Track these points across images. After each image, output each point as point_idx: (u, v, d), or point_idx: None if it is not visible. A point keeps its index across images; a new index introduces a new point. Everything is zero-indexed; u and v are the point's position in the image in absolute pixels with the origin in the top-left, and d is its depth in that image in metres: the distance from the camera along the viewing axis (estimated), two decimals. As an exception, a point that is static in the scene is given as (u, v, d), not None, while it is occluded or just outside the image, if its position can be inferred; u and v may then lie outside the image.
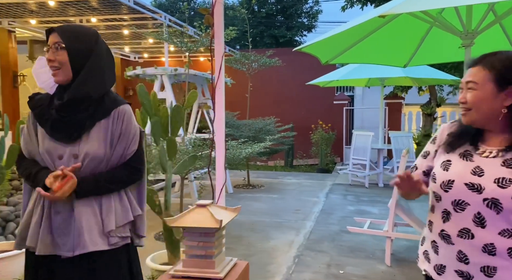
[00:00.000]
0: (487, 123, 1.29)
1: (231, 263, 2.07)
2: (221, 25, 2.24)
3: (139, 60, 11.16)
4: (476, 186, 1.23)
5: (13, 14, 6.86)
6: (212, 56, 2.49)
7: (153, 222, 4.89)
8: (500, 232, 1.20)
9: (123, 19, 7.25)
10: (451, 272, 1.28)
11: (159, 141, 2.85)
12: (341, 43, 3.67)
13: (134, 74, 5.94)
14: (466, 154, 1.31)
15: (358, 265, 3.62)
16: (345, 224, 4.73)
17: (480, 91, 1.26)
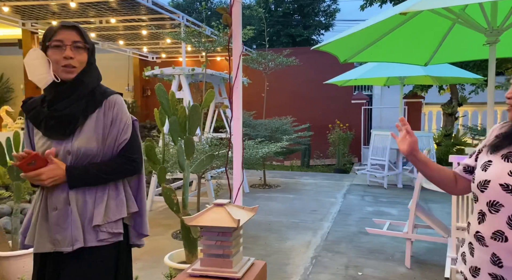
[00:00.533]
0: None
1: (248, 263, 2.06)
2: (239, 24, 2.23)
3: (157, 60, 11.29)
4: (507, 186, 1.20)
5: (36, 16, 7.04)
6: (230, 55, 2.49)
7: (171, 221, 4.94)
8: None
9: (142, 19, 7.35)
10: (485, 275, 1.25)
11: (177, 140, 2.86)
12: (360, 41, 3.62)
13: (152, 74, 6.01)
14: (509, 156, 1.27)
15: (377, 267, 3.56)
16: (363, 225, 4.66)
17: None
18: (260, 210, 5.23)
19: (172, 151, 4.12)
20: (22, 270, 2.99)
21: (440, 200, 5.90)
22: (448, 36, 3.65)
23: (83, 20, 7.30)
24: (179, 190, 5.93)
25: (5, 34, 8.89)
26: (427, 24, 3.44)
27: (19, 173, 3.14)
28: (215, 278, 1.88)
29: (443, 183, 1.47)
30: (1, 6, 6.24)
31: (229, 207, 1.96)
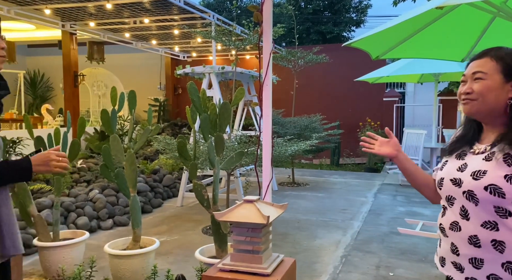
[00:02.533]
0: (489, 115, 1.31)
1: (278, 259, 2.07)
2: (270, 22, 2.24)
3: (188, 59, 11.49)
4: (457, 181, 1.31)
5: (74, 17, 7.35)
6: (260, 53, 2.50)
7: (201, 216, 5.03)
8: (482, 224, 1.24)
9: (174, 19, 7.50)
10: (449, 264, 1.35)
11: (208, 137, 2.91)
12: (393, 37, 3.52)
13: (184, 72, 6.13)
14: (461, 154, 1.37)
15: (409, 268, 3.48)
16: (395, 225, 4.56)
17: (489, 81, 1.28)
18: (289, 208, 5.23)
19: (203, 148, 4.19)
20: (62, 260, 3.15)
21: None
22: (487, 30, 3.49)
23: (118, 21, 7.54)
24: (209, 187, 6.02)
25: (46, 35, 9.34)
26: (465, 18, 3.30)
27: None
28: (245, 274, 1.91)
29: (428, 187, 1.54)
30: (43, 8, 6.56)
31: (258, 204, 1.97)
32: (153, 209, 5.51)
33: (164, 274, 2.70)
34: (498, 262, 1.22)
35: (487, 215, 1.23)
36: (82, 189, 5.14)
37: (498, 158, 1.23)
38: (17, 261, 2.87)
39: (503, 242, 1.21)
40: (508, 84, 1.27)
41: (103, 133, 7.93)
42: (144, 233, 3.35)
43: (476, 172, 1.26)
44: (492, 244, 1.22)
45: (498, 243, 1.22)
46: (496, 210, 1.22)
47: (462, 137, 1.41)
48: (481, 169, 1.25)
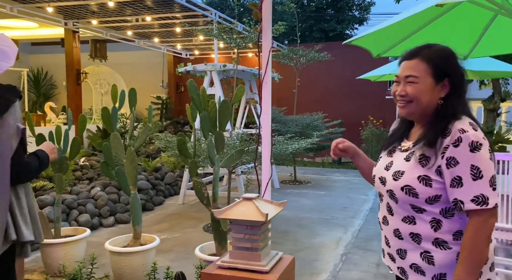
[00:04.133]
0: (424, 115, 1.33)
1: (276, 257, 2.07)
2: (269, 20, 2.24)
3: (190, 57, 11.49)
4: (383, 180, 1.38)
5: (77, 15, 7.36)
6: (260, 51, 2.50)
7: (202, 214, 5.05)
8: (403, 219, 1.34)
9: (176, 17, 7.50)
10: (386, 255, 1.45)
11: (208, 135, 2.91)
12: (394, 35, 3.51)
13: (185, 70, 6.13)
14: (392, 150, 1.42)
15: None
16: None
17: (421, 84, 1.30)
18: (290, 206, 5.23)
19: (204, 146, 4.20)
20: (63, 257, 3.17)
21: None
22: (489, 28, 3.46)
23: (120, 19, 7.55)
24: (211, 185, 6.03)
25: (49, 33, 9.37)
26: (466, 16, 3.28)
27: (62, 166, 3.33)
28: (243, 271, 1.91)
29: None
30: (46, 6, 6.57)
31: (257, 201, 1.98)
32: (155, 207, 5.52)
33: (164, 271, 2.72)
34: (417, 252, 1.31)
35: (406, 212, 1.32)
36: (84, 187, 5.17)
37: (415, 159, 1.29)
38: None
39: (420, 234, 1.30)
40: (439, 85, 1.30)
41: (105, 131, 7.95)
42: (145, 230, 3.36)
43: (396, 172, 1.33)
44: (410, 237, 1.32)
45: (415, 235, 1.31)
46: (412, 207, 1.30)
47: (394, 132, 1.46)
48: (400, 170, 1.32)
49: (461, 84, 1.31)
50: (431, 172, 1.26)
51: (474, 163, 1.20)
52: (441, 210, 1.27)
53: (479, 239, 1.20)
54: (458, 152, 1.21)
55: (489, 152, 1.23)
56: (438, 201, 1.26)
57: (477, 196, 1.19)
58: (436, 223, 1.28)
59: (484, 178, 1.20)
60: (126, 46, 10.28)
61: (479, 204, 1.19)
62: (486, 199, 1.19)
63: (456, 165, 1.21)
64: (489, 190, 1.20)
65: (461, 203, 1.21)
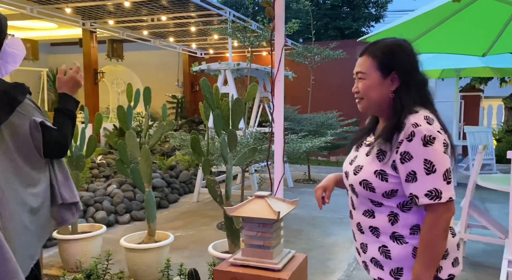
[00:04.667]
0: (379, 110, 1.35)
1: (289, 255, 2.07)
2: (282, 17, 2.23)
3: (205, 56, 11.55)
4: (347, 174, 1.41)
5: (94, 15, 7.50)
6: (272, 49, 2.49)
7: (216, 212, 5.07)
8: (363, 213, 1.36)
9: (191, 16, 7.55)
10: (354, 249, 1.49)
11: (221, 133, 2.93)
12: (411, 31, 3.45)
13: (200, 69, 6.17)
14: (359, 145, 1.43)
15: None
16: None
17: (368, 80, 1.32)
18: (304, 205, 5.21)
19: (217, 144, 4.22)
20: (80, 252, 3.24)
21: (499, 199, 5.50)
22: (510, 23, 3.37)
23: (136, 18, 7.65)
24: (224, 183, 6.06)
25: (67, 34, 9.57)
26: (486, 12, 3.20)
27: (78, 164, 3.40)
28: (255, 268, 1.92)
29: None
30: (64, 7, 6.72)
31: (269, 199, 1.98)
32: (170, 205, 5.58)
33: (177, 268, 2.75)
34: (376, 246, 1.33)
35: (365, 206, 1.35)
36: (101, 184, 5.26)
37: (373, 154, 1.30)
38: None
39: (378, 228, 1.32)
40: (387, 78, 1.29)
41: (121, 130, 8.08)
42: (160, 227, 3.40)
43: (356, 167, 1.35)
44: (370, 230, 1.34)
45: (374, 229, 1.33)
46: (371, 201, 1.32)
47: (364, 127, 1.48)
48: (360, 164, 1.34)
49: (409, 77, 1.29)
50: (387, 167, 1.26)
51: (427, 157, 1.19)
52: (398, 204, 1.28)
53: (434, 233, 1.20)
54: (412, 147, 1.20)
55: (444, 145, 1.21)
56: (394, 196, 1.27)
57: (431, 191, 1.18)
58: (393, 216, 1.29)
59: (437, 172, 1.18)
60: (142, 46, 10.41)
61: (433, 198, 1.18)
62: (439, 193, 1.18)
63: (410, 160, 1.20)
64: (442, 184, 1.19)
65: (416, 197, 1.21)
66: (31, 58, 8.56)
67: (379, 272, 1.32)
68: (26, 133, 1.42)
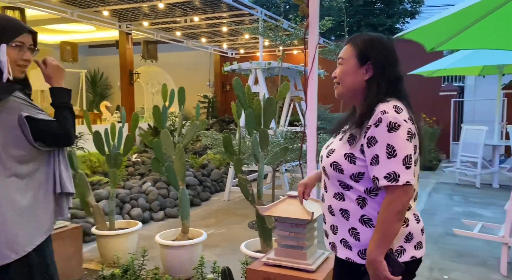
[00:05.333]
0: (352, 97, 1.44)
1: (322, 256, 2.04)
2: (316, 15, 2.20)
3: (236, 56, 11.62)
4: (321, 158, 1.48)
5: (130, 18, 7.73)
6: (306, 47, 2.46)
7: (247, 211, 5.09)
8: (334, 195, 1.42)
9: (222, 16, 7.62)
10: (323, 231, 1.54)
11: (252, 132, 2.93)
12: (450, 27, 3.30)
13: (231, 69, 6.21)
14: (337, 133, 1.49)
15: (466, 271, 3.27)
16: (450, 226, 4.30)
17: (345, 66, 1.41)
18: (336, 205, 5.12)
19: (248, 143, 4.23)
20: (117, 248, 3.34)
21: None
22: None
23: (170, 20, 7.81)
24: (255, 182, 6.08)
25: (105, 36, 9.93)
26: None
27: (116, 162, 3.52)
28: (288, 268, 1.90)
29: None
30: (102, 10, 6.97)
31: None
32: (202, 202, 5.67)
33: (210, 266, 2.78)
34: (346, 228, 1.39)
35: (336, 188, 1.41)
36: (136, 182, 5.42)
37: (345, 138, 1.38)
38: (77, 247, 3.10)
39: (348, 211, 1.38)
40: (363, 67, 1.38)
41: (156, 129, 8.28)
42: (192, 225, 3.46)
43: (329, 150, 1.43)
44: (340, 213, 1.40)
45: (344, 212, 1.39)
46: (340, 184, 1.39)
47: (342, 117, 1.55)
48: (332, 148, 1.43)
49: (383, 70, 1.37)
50: (355, 150, 1.35)
51: (389, 142, 1.26)
52: (365, 189, 1.35)
53: (389, 214, 1.27)
54: (378, 132, 1.28)
55: (408, 133, 1.28)
56: (362, 178, 1.34)
57: (389, 173, 1.26)
58: (361, 201, 1.36)
59: (397, 157, 1.26)
60: (175, 47, 10.62)
61: (390, 180, 1.26)
62: (397, 176, 1.26)
63: (375, 144, 1.29)
64: (401, 168, 1.26)
65: (376, 179, 1.29)
66: (71, 60, 8.95)
67: (347, 252, 1.40)
68: (15, 127, 1.51)
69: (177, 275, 3.06)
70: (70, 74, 11.31)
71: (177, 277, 2.99)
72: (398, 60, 1.41)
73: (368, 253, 1.31)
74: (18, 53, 1.56)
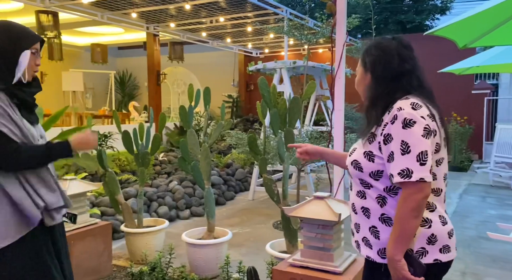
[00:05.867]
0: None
1: (350, 258, 2.00)
2: (344, 12, 2.16)
3: (260, 55, 11.63)
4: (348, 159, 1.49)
5: (157, 19, 7.88)
6: (333, 46, 2.43)
7: (272, 211, 5.08)
8: (356, 193, 1.44)
9: (247, 16, 7.64)
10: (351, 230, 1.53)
11: (277, 132, 2.92)
12: (484, 23, 3.17)
13: (256, 68, 6.22)
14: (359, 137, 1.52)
15: (501, 277, 3.13)
16: (484, 230, 4.13)
17: (357, 76, 1.51)
18: (362, 206, 5.03)
19: (273, 143, 4.22)
20: (145, 245, 3.41)
21: None
22: None
23: (195, 21, 7.91)
24: (279, 182, 6.06)
25: (133, 38, 10.17)
26: None
27: (144, 161, 3.59)
28: (315, 270, 1.88)
29: None
30: (131, 13, 7.14)
31: (329, 201, 1.93)
32: (226, 202, 5.70)
33: (236, 265, 2.79)
34: (367, 226, 1.40)
35: (358, 187, 1.43)
36: (163, 181, 5.52)
37: (367, 137, 1.40)
38: (107, 244, 3.18)
39: (369, 209, 1.39)
40: (367, 73, 1.44)
41: (182, 128, 8.41)
42: (218, 224, 3.48)
43: (352, 149, 1.47)
44: (362, 211, 1.42)
45: (365, 210, 1.41)
46: (361, 182, 1.41)
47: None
48: (355, 147, 1.46)
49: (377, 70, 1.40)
50: (374, 148, 1.36)
51: (404, 138, 1.27)
52: (385, 188, 1.36)
53: (403, 211, 1.26)
54: (393, 129, 1.29)
55: (425, 130, 1.27)
56: (381, 176, 1.36)
57: (403, 170, 1.26)
58: (381, 199, 1.37)
59: (411, 153, 1.25)
60: (200, 47, 10.75)
61: (404, 177, 1.25)
62: (410, 173, 1.25)
63: (391, 141, 1.30)
64: (415, 164, 1.25)
65: (392, 176, 1.29)
66: (100, 61, 9.22)
67: (368, 251, 1.41)
68: None
69: (203, 273, 3.09)
70: (100, 75, 11.66)
71: (203, 276, 3.02)
72: (399, 56, 1.39)
73: (387, 251, 1.31)
74: (34, 59, 1.67)
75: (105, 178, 3.46)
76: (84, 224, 3.02)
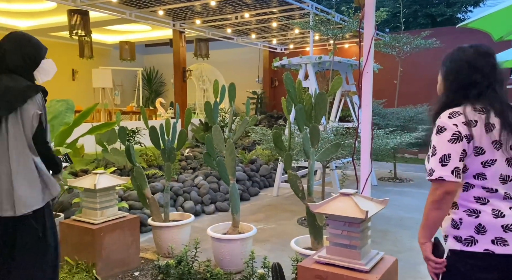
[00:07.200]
0: None
1: (377, 256, 1.97)
2: (373, 5, 2.10)
3: (285, 51, 11.56)
4: None
5: (183, 16, 7.98)
6: (360, 40, 2.37)
7: (297, 207, 5.06)
8: None
9: (273, 12, 7.60)
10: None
11: (303, 128, 2.89)
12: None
13: (280, 64, 6.18)
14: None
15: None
16: None
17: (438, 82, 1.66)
18: (390, 204, 4.91)
19: (298, 139, 4.19)
20: (171, 239, 3.48)
21: None
22: None
23: (221, 17, 7.95)
24: (304, 179, 6.02)
25: (159, 35, 10.34)
26: None
27: (170, 156, 3.65)
28: (341, 268, 1.86)
29: None
30: (158, 10, 7.26)
31: (356, 198, 1.90)
32: (251, 197, 5.73)
33: (261, 261, 2.79)
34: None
35: None
36: (189, 176, 5.60)
37: None
38: (135, 237, 3.26)
39: None
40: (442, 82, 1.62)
41: (207, 124, 8.49)
42: (242, 219, 3.50)
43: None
44: None
45: None
46: None
47: None
48: None
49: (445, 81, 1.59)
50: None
51: (434, 143, 1.47)
52: None
53: (427, 203, 1.48)
54: (432, 135, 1.50)
55: (453, 136, 1.43)
56: None
57: (429, 169, 1.46)
58: None
59: (436, 155, 1.45)
60: (225, 44, 10.80)
61: (429, 175, 1.47)
62: (432, 172, 1.44)
63: (430, 146, 1.50)
64: (437, 165, 1.43)
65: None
66: (129, 58, 9.43)
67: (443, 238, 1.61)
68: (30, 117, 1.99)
69: (228, 268, 3.11)
70: (128, 72, 11.93)
71: (228, 270, 3.04)
72: (470, 66, 1.50)
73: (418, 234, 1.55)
74: None
75: (133, 173, 3.54)
76: (113, 217, 3.11)
